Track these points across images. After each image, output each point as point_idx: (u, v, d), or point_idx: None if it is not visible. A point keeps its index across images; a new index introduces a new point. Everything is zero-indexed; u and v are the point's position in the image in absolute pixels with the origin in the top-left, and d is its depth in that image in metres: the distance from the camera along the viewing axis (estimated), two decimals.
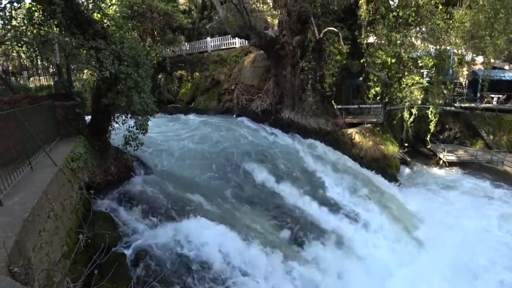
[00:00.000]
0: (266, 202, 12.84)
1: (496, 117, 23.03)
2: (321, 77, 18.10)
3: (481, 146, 23.15)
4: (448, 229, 13.98)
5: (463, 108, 23.97)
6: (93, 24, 9.26)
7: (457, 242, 12.88)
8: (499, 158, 20.43)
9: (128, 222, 9.12)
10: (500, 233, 14.01)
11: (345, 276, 10.58)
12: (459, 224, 14.37)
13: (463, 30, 14.88)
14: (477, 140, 23.68)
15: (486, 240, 13.33)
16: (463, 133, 24.43)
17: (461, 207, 16.12)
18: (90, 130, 10.99)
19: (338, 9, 17.76)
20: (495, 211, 15.53)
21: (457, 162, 21.45)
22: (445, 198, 17.24)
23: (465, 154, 22.11)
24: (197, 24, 30.88)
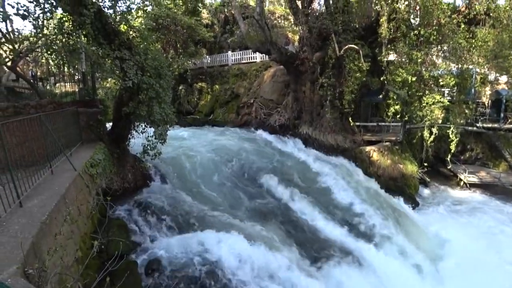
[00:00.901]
0: (282, 217, 12.63)
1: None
2: (340, 93, 18.02)
3: (504, 168, 22.27)
4: (468, 258, 13.05)
5: (485, 128, 23.19)
6: (119, 35, 9.59)
7: (478, 275, 12.01)
8: None
9: (142, 230, 9.17)
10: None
11: None
12: (481, 252, 13.49)
13: (486, 49, 14.59)
14: (500, 162, 22.82)
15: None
16: (485, 154, 23.57)
17: (484, 233, 15.24)
18: (110, 137, 11.26)
19: (359, 27, 17.74)
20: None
21: (479, 184, 20.65)
22: (466, 222, 16.42)
23: (487, 176, 21.25)
24: (218, 38, 31.52)
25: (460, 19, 14.54)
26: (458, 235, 14.86)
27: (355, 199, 15.14)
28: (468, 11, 14.78)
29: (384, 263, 11.95)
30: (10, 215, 5.20)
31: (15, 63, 12.22)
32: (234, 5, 23.70)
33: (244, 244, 9.71)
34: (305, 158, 17.96)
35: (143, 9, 15.84)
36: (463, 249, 13.74)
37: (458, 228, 15.72)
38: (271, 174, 15.02)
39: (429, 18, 14.72)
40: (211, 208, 11.35)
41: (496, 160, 23.07)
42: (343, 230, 13.08)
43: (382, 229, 13.74)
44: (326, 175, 16.40)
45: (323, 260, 11.05)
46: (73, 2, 8.47)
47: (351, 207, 14.65)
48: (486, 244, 14.16)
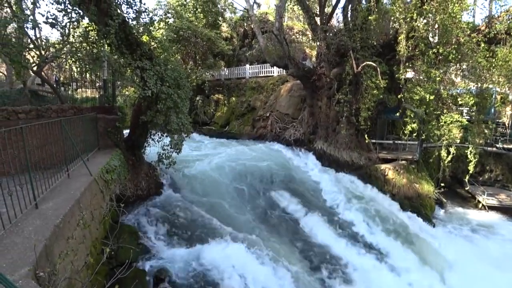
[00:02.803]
0: (292, 233, 12.51)
1: None
2: (357, 110, 17.88)
3: None
4: (485, 283, 12.61)
5: (506, 149, 22.47)
6: (141, 46, 9.85)
7: None
8: None
9: (152, 239, 9.21)
10: None
11: None
12: (499, 279, 12.86)
13: (507, 68, 14.12)
14: None
15: None
16: (505, 176, 22.73)
17: (503, 259, 14.47)
18: (127, 144, 11.45)
19: (377, 44, 17.65)
20: None
21: (498, 206, 19.82)
22: (484, 247, 15.65)
23: (507, 198, 20.44)
24: (237, 51, 32.03)
25: (480, 38, 14.26)
26: (471, 256, 14.44)
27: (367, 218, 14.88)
28: (488, 30, 14.53)
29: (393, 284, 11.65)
30: (25, 216, 5.30)
31: (40, 68, 12.65)
32: (254, 20, 24.03)
33: (252, 262, 9.63)
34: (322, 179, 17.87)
35: (165, 21, 16.24)
36: (476, 271, 13.30)
37: (473, 250, 15.25)
38: (283, 189, 14.91)
39: (448, 37, 14.45)
40: (221, 221, 11.29)
41: None
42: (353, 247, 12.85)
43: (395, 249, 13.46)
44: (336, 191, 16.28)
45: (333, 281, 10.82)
46: (99, 13, 8.76)
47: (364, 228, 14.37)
48: (501, 267, 13.62)
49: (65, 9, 8.82)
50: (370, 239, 13.79)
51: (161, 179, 12.21)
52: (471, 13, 16.55)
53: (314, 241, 12.59)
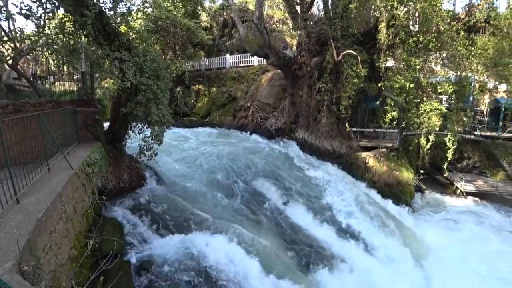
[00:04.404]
0: (275, 222, 12.67)
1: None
2: (337, 99, 18.09)
3: (502, 177, 22.17)
4: (461, 267, 13.08)
5: (483, 136, 23.29)
6: (119, 36, 9.66)
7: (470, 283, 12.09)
8: None
9: (136, 230, 9.18)
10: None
11: None
12: (474, 260, 13.47)
13: (485, 57, 14.52)
14: (498, 171, 22.75)
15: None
16: (482, 163, 23.50)
17: (479, 242, 15.14)
18: (107, 137, 11.29)
19: (358, 33, 17.82)
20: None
21: (475, 192, 20.54)
22: (461, 230, 16.32)
23: (484, 184, 21.14)
24: (217, 41, 31.75)
25: (459, 26, 14.55)
26: (448, 239, 15.02)
27: (349, 204, 15.21)
28: (468, 18, 14.80)
29: (375, 268, 12.02)
30: (7, 211, 5.23)
31: (16, 61, 12.27)
32: (233, 9, 23.82)
33: (237, 251, 9.72)
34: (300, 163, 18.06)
35: (143, 11, 15.89)
36: (454, 254, 13.88)
37: (450, 234, 15.80)
38: (265, 177, 15.05)
39: (428, 25, 14.72)
40: (204, 210, 11.37)
41: (493, 169, 23.01)
42: (335, 234, 13.13)
43: (375, 235, 13.84)
44: (321, 180, 16.51)
45: (315, 267, 11.09)
46: (75, 3, 8.53)
47: (344, 211, 14.71)
48: (476, 249, 14.26)
49: (39, 0, 8.57)
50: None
51: (143, 171, 12.12)
52: (451, 1, 16.84)
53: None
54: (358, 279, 11.21)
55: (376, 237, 13.73)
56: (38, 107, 8.89)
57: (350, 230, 13.77)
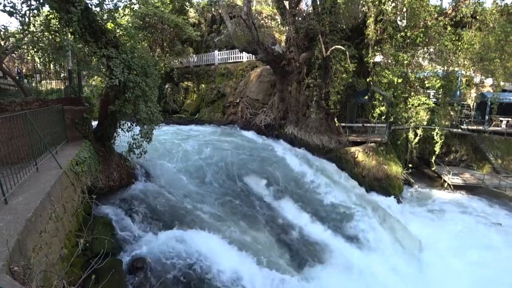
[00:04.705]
0: (265, 217, 12.74)
1: (504, 141, 22.82)
2: (326, 94, 18.17)
3: (488, 170, 22.64)
4: (450, 258, 13.49)
5: (470, 130, 23.78)
6: (106, 33, 9.58)
7: (459, 274, 12.40)
8: (507, 184, 20.01)
9: (127, 228, 9.16)
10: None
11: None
12: (462, 253, 13.80)
13: (472, 52, 14.74)
14: (484, 164, 23.24)
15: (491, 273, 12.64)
16: (469, 156, 24.01)
17: (466, 234, 15.50)
18: (96, 135, 11.21)
19: (346, 28, 17.91)
20: (502, 240, 14.91)
21: (462, 185, 20.96)
22: (448, 223, 16.69)
23: (471, 177, 21.58)
24: (205, 37, 31.55)
25: (446, 21, 14.72)
26: (437, 232, 15.33)
27: (339, 199, 15.33)
28: (455, 13, 14.97)
29: (366, 261, 12.16)
30: None
31: (0, 60, 12.01)
32: (221, 4, 23.73)
33: (227, 244, 9.83)
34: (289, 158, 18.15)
35: (130, 7, 15.67)
36: (442, 246, 14.20)
37: (438, 226, 16.16)
38: (255, 173, 15.10)
39: (416, 20, 14.87)
40: (195, 207, 11.39)
41: (480, 162, 23.48)
42: (327, 230, 13.23)
43: (366, 229, 13.95)
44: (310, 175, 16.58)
45: (308, 261, 11.20)
46: (60, 0, 8.40)
47: (334, 206, 14.79)
48: (463, 241, 14.61)
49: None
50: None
51: (133, 169, 12.06)
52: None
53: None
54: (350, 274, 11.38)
55: (367, 231, 13.87)
56: (25, 106, 8.76)
57: (342, 225, 13.92)
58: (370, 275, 11.54)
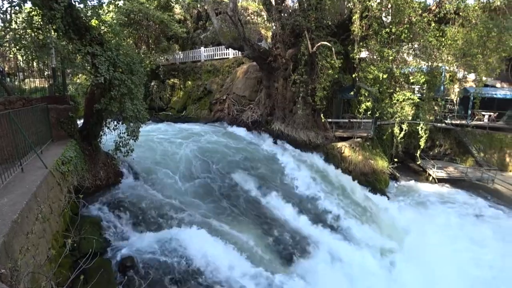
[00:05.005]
0: (253, 213, 12.83)
1: (487, 134, 23.28)
2: (313, 90, 18.24)
3: (471, 164, 23.10)
4: (435, 249, 13.65)
5: (453, 125, 24.26)
6: (90, 30, 9.43)
7: (444, 263, 12.68)
8: (489, 176, 20.48)
9: (115, 227, 9.13)
10: (488, 256, 13.46)
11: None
12: (446, 243, 14.13)
13: (455, 47, 14.94)
14: (467, 157, 23.74)
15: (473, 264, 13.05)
16: (453, 150, 24.50)
17: (450, 226, 15.86)
18: (82, 134, 11.06)
19: (332, 24, 17.96)
20: (486, 231, 15.29)
21: (447, 178, 21.40)
22: (434, 216, 17.02)
23: (455, 171, 22.04)
24: (191, 34, 31.28)
25: (430, 17, 14.90)
26: (422, 224, 15.59)
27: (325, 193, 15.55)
28: (439, 10, 15.13)
29: (352, 254, 12.35)
30: None
31: None
32: (207, 1, 23.53)
33: (215, 242, 9.85)
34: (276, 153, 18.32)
35: (114, 4, 15.41)
36: (427, 238, 14.43)
37: (424, 219, 16.44)
38: (242, 170, 15.16)
39: (401, 16, 15.02)
40: (182, 204, 11.39)
41: (463, 155, 23.98)
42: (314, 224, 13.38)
43: (352, 222, 14.21)
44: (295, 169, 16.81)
45: (296, 255, 11.32)
46: None
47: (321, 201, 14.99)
48: (448, 233, 14.96)
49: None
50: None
51: (120, 167, 11.96)
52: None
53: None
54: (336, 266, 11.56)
55: (353, 225, 14.08)
56: (8, 105, 8.56)
57: (328, 218, 14.12)
58: (357, 268, 11.73)
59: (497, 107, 24.66)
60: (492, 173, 20.63)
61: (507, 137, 22.74)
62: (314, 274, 10.74)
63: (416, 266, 12.53)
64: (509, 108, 24.43)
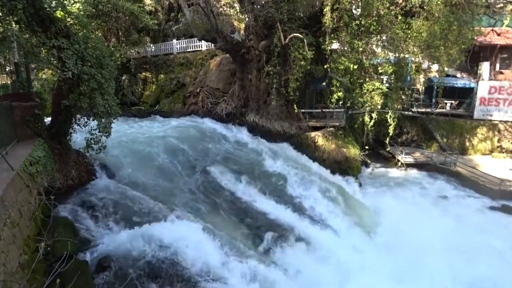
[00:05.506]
0: (229, 204, 12.87)
1: (449, 121, 24.79)
2: (286, 81, 18.39)
3: (436, 149, 24.51)
4: (404, 229, 14.32)
5: (419, 113, 25.43)
6: (55, 22, 9.00)
7: (413, 243, 13.30)
8: (452, 160, 21.75)
9: (90, 227, 8.87)
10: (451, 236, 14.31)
11: (305, 277, 10.62)
12: (415, 224, 14.70)
13: (420, 39, 15.56)
14: (432, 143, 25.11)
15: (440, 240, 13.80)
16: (419, 136, 25.78)
17: (417, 206, 16.90)
18: (50, 132, 10.59)
19: (304, 16, 18.10)
20: (448, 210, 16.51)
21: (414, 163, 22.56)
22: (403, 198, 17.95)
23: (421, 156, 23.32)
24: (163, 26, 30.44)
25: (397, 11, 15.42)
26: (392, 207, 16.46)
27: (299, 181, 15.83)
28: (405, 3, 15.65)
29: (328, 239, 12.75)
30: None
31: None
32: None
33: (193, 235, 9.68)
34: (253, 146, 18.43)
35: None
36: (398, 219, 15.17)
37: (394, 202, 17.31)
38: (217, 162, 15.14)
39: (370, 9, 15.42)
40: (158, 199, 11.22)
41: (428, 141, 25.36)
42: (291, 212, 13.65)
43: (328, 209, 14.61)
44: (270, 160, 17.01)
45: (274, 245, 11.43)
46: None
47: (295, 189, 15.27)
48: (416, 214, 15.85)
49: None
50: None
51: (92, 165, 11.60)
52: None
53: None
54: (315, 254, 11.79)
55: (328, 212, 14.47)
56: None
57: (305, 207, 14.40)
58: (332, 253, 12.04)
59: (458, 95, 26.11)
60: (454, 157, 21.93)
61: (467, 123, 24.47)
62: (292, 261, 10.95)
63: (389, 251, 13.08)
64: (468, 96, 25.89)
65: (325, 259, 11.71)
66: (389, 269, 11.83)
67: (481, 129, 24.38)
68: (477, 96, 24.67)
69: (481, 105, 24.69)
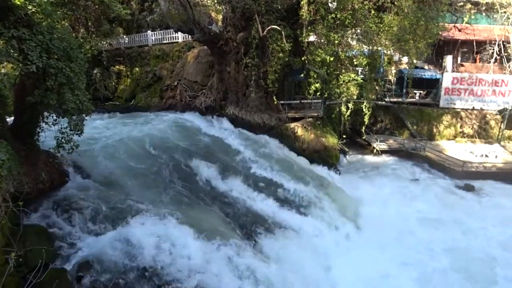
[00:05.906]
0: (212, 198, 12.74)
1: (418, 110, 26.74)
2: (265, 73, 18.27)
3: (407, 136, 26.19)
4: (383, 211, 15.58)
5: (392, 102, 26.80)
6: (14, 10, 8.19)
7: (392, 221, 14.66)
8: (421, 146, 23.28)
9: (66, 233, 8.44)
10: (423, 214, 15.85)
11: (287, 265, 10.67)
12: (392, 206, 16.23)
13: (391, 33, 16.24)
14: (404, 130, 26.76)
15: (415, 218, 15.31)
16: (392, 125, 27.29)
17: (393, 190, 18.19)
18: (14, 132, 9.76)
19: (282, 8, 17.89)
20: (420, 191, 18.21)
21: (388, 150, 23.94)
22: (379, 183, 19.08)
23: (394, 143, 24.88)
24: (136, 16, 28.99)
25: (370, 5, 15.80)
26: (370, 191, 17.65)
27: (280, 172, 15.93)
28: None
29: (312, 227, 13.02)
30: None
31: None
32: None
33: (176, 234, 9.46)
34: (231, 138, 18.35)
35: None
36: (375, 203, 16.44)
37: (371, 186, 18.54)
38: (197, 157, 14.85)
39: (345, 3, 15.79)
40: (137, 199, 10.87)
41: (400, 129, 27.00)
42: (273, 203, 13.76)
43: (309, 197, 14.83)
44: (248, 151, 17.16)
45: (258, 235, 11.43)
46: None
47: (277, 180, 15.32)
48: (392, 196, 17.42)
49: None
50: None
51: (64, 166, 10.97)
52: None
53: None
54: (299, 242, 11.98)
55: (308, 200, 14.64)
56: None
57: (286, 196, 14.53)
58: (316, 240, 12.42)
59: (426, 86, 27.77)
60: (423, 143, 23.68)
61: (434, 112, 26.79)
62: (276, 250, 11.03)
63: (372, 230, 13.98)
64: (434, 87, 27.72)
65: (308, 245, 11.97)
66: (373, 243, 12.99)
67: (446, 116, 26.57)
68: (442, 87, 26.59)
69: (445, 95, 26.68)
